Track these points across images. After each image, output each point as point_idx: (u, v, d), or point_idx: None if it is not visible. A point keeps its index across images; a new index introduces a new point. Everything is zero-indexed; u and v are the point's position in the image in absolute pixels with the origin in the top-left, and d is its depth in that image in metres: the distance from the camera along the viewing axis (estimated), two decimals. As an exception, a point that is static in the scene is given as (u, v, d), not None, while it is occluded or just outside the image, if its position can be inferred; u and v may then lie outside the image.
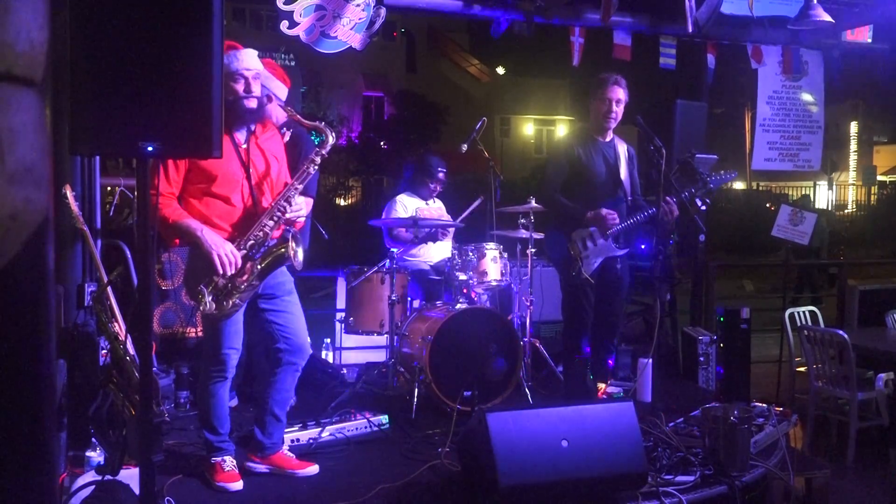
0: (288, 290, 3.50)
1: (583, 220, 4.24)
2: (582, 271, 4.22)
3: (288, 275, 3.51)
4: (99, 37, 2.13)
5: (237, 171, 3.31)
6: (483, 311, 4.71)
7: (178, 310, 5.02)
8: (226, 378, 3.39)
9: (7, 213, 1.37)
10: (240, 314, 3.36)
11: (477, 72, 30.45)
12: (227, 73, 3.27)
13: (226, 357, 3.34)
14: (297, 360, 3.48)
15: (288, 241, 3.26)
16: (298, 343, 3.47)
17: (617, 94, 4.27)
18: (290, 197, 3.30)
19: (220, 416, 3.41)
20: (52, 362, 1.67)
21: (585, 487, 3.12)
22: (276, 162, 3.46)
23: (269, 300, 3.44)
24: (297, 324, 3.49)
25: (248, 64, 3.32)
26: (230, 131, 3.31)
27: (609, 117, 4.30)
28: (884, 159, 30.48)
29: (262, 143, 3.42)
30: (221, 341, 3.32)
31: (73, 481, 3.09)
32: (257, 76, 3.36)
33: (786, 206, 6.19)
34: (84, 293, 3.79)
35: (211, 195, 3.28)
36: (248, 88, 3.30)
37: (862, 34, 6.17)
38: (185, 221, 3.20)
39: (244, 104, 3.30)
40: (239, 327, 3.38)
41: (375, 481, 3.33)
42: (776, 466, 3.67)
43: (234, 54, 3.30)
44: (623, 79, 4.31)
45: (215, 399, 3.39)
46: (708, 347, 5.37)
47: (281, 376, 3.49)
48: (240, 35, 19.37)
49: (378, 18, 4.87)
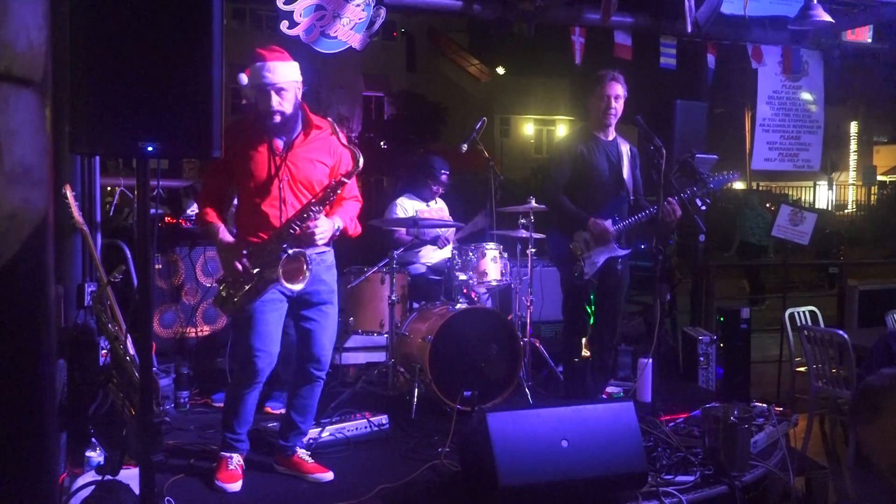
0: (323, 299, 3.42)
1: (584, 225, 4.21)
2: (584, 272, 4.22)
3: (327, 283, 3.43)
4: (99, 36, 2.13)
5: (270, 180, 3.28)
6: (483, 311, 4.71)
7: (179, 310, 5.02)
8: (256, 383, 3.36)
9: (6, 214, 1.37)
10: (274, 317, 3.33)
11: (477, 72, 30.44)
12: (255, 85, 3.25)
13: (255, 359, 3.29)
14: (312, 370, 3.45)
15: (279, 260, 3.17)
16: (315, 353, 3.43)
17: (615, 90, 4.24)
18: (305, 217, 3.25)
19: (241, 417, 3.41)
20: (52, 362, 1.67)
21: (585, 487, 3.12)
22: (321, 167, 3.36)
23: (302, 305, 3.41)
24: (321, 334, 3.43)
25: (271, 78, 3.21)
26: (270, 138, 3.29)
27: (609, 113, 4.28)
28: (884, 159, 30.46)
29: (306, 149, 3.33)
30: (250, 341, 3.30)
31: (73, 481, 3.09)
32: (284, 89, 3.22)
33: (786, 206, 6.19)
34: (84, 293, 3.79)
35: (251, 204, 3.32)
36: (270, 103, 3.21)
37: (862, 34, 6.17)
38: (207, 225, 3.32)
39: (267, 121, 3.25)
40: (270, 328, 3.32)
41: (375, 481, 3.33)
42: (776, 466, 3.67)
43: (262, 66, 3.21)
44: (620, 74, 4.29)
45: (238, 401, 3.39)
46: (708, 347, 5.37)
47: (298, 382, 3.50)
48: (240, 35, 19.39)
49: (378, 18, 4.87)
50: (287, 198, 3.30)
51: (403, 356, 4.67)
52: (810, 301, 5.76)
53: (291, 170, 3.31)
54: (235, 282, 3.26)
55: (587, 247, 4.25)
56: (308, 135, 3.35)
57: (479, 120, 5.12)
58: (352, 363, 5.47)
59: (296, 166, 3.31)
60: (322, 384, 3.54)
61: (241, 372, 3.39)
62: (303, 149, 3.34)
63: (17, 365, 1.43)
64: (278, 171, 3.28)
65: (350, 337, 5.39)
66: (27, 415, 1.46)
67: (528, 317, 5.00)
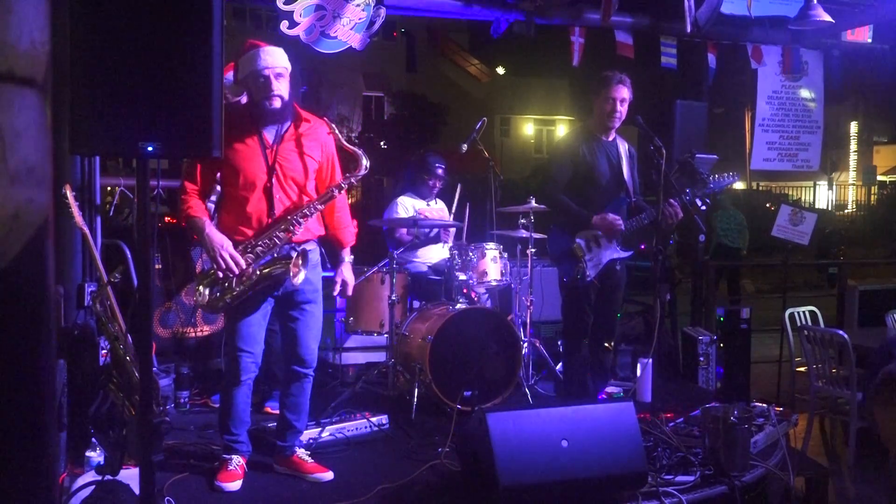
0: (308, 298, 3.40)
1: (588, 225, 4.20)
2: (587, 273, 4.19)
3: (312, 283, 3.41)
4: (99, 36, 2.13)
5: (260, 174, 3.23)
6: (483, 311, 4.70)
7: (179, 310, 5.02)
8: (242, 382, 3.37)
9: (10, 213, 1.37)
10: (257, 317, 3.34)
11: (477, 72, 30.43)
12: (251, 73, 3.21)
13: (239, 359, 3.33)
14: (298, 369, 3.45)
15: (290, 259, 3.18)
16: (300, 354, 3.43)
17: (621, 94, 4.22)
18: (307, 215, 3.24)
19: (234, 417, 3.41)
20: (52, 362, 1.67)
21: (585, 487, 3.12)
22: (311, 161, 3.33)
23: (287, 305, 3.40)
24: (306, 334, 3.43)
25: (271, 62, 3.18)
26: (259, 130, 3.24)
27: (613, 116, 4.25)
28: (884, 159, 30.45)
29: (297, 142, 3.28)
30: (234, 342, 3.32)
31: (73, 481, 3.09)
32: (282, 74, 3.21)
33: (786, 206, 6.19)
34: (84, 293, 3.79)
35: (237, 199, 3.26)
36: (270, 87, 3.17)
37: (862, 34, 6.17)
38: (195, 220, 3.23)
39: (266, 105, 3.20)
40: (254, 330, 3.33)
41: (375, 481, 3.33)
42: (776, 466, 3.67)
43: (256, 52, 3.19)
44: (627, 77, 4.27)
45: (228, 402, 3.40)
46: (708, 347, 5.37)
47: (287, 382, 3.51)
48: (240, 35, 19.37)
49: (378, 18, 4.87)
50: (276, 193, 3.26)
51: (403, 356, 4.66)
52: (810, 301, 5.76)
53: (282, 163, 3.26)
54: (226, 279, 3.22)
55: (590, 247, 4.23)
56: (298, 127, 3.32)
57: (479, 120, 5.12)
58: (352, 363, 5.47)
59: (286, 160, 3.28)
60: (311, 381, 3.53)
61: (227, 372, 3.42)
62: (293, 142, 3.30)
63: (17, 365, 1.43)
64: (268, 163, 3.23)
65: (350, 337, 5.39)
66: (27, 415, 1.47)
67: (528, 317, 5.00)
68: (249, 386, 3.42)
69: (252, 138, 3.24)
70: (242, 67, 3.27)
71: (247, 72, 3.23)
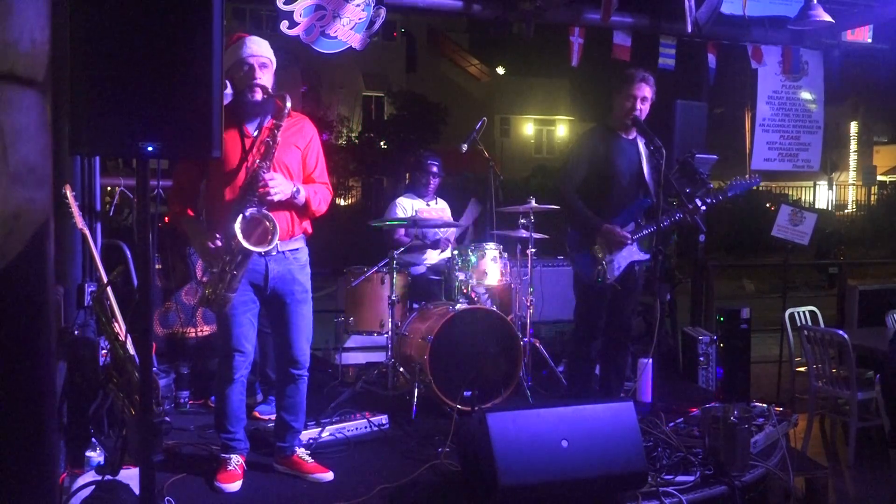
0: (297, 299, 3.40)
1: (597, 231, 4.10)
2: (606, 276, 4.11)
3: (301, 283, 3.41)
4: (99, 36, 2.13)
5: (242, 167, 3.21)
6: (483, 311, 4.70)
7: (179, 310, 5.02)
8: (235, 380, 3.39)
9: (10, 213, 1.37)
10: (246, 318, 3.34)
11: (477, 72, 30.44)
12: (235, 62, 3.19)
13: (231, 359, 3.35)
14: (291, 370, 3.46)
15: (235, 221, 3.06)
16: (293, 355, 3.43)
17: (644, 92, 4.14)
18: (257, 180, 3.12)
19: (230, 415, 3.42)
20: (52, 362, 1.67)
21: (585, 487, 3.12)
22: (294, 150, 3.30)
23: (277, 307, 3.41)
24: (297, 336, 3.43)
25: (256, 49, 3.18)
26: (240, 124, 3.23)
27: (633, 114, 4.15)
28: (884, 159, 30.46)
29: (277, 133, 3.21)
30: (227, 340, 3.35)
31: (73, 481, 3.09)
32: (265, 64, 3.21)
33: (786, 205, 6.19)
34: (84, 293, 3.79)
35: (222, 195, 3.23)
36: (253, 75, 3.16)
37: (862, 34, 6.17)
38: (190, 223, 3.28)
39: (249, 96, 3.19)
40: (243, 329, 3.35)
41: (375, 481, 3.33)
42: (776, 466, 3.67)
43: (242, 41, 3.20)
44: (651, 76, 4.18)
45: (223, 400, 3.42)
46: (708, 347, 5.37)
47: (281, 383, 3.52)
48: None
49: (378, 18, 4.87)
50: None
51: (403, 356, 4.67)
52: (810, 301, 5.76)
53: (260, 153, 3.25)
54: (217, 275, 3.20)
55: (611, 248, 4.13)
56: (279, 120, 3.27)
57: (479, 120, 5.12)
58: (352, 363, 5.48)
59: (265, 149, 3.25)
60: (306, 381, 3.53)
61: (219, 370, 3.43)
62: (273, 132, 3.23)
63: (17, 365, 1.43)
64: (249, 155, 3.20)
65: (350, 337, 5.39)
66: (27, 415, 1.46)
67: (528, 317, 5.01)
68: (243, 384, 3.45)
69: (232, 130, 3.20)
70: (227, 58, 3.22)
71: (231, 61, 3.20)
